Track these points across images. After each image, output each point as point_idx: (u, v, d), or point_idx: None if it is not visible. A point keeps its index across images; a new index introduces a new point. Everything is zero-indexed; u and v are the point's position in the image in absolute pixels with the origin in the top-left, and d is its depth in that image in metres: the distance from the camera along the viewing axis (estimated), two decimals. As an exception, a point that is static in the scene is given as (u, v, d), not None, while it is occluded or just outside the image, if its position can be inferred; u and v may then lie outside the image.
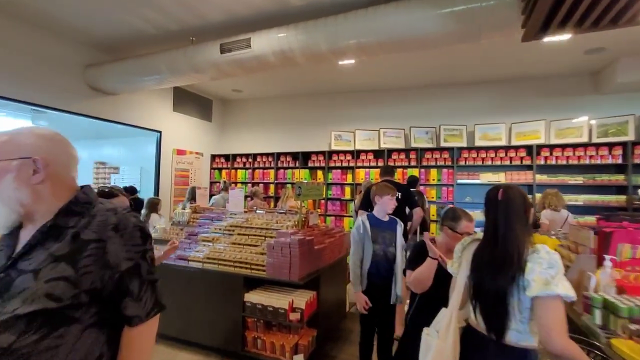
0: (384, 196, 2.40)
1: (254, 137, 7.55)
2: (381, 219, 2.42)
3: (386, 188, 2.43)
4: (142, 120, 5.88)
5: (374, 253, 2.34)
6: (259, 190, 5.83)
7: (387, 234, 2.38)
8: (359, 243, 2.38)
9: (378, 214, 2.44)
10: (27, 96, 4.35)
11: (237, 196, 3.44)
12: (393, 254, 2.35)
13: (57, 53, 4.57)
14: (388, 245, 2.37)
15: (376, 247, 2.35)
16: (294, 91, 6.91)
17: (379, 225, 2.40)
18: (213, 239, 3.08)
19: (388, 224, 2.42)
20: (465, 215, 1.85)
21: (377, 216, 2.44)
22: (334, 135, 6.53)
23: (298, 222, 3.05)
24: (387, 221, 2.43)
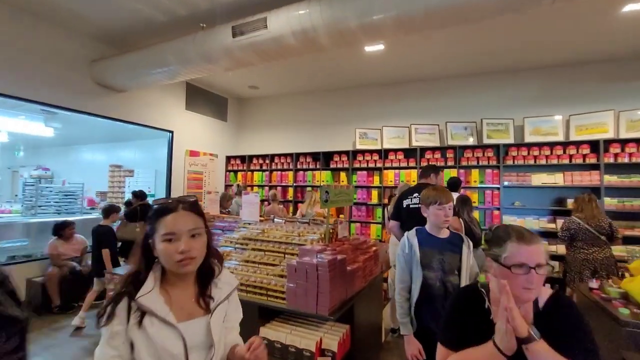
0: (430, 206, 1.78)
1: (271, 137, 7.06)
2: (436, 236, 1.79)
3: (434, 193, 1.80)
4: (153, 119, 5.49)
5: (426, 283, 1.70)
6: (276, 195, 5.31)
7: (446, 257, 1.73)
8: (405, 269, 1.77)
9: (431, 229, 1.82)
10: (30, 94, 4.01)
11: (251, 202, 2.90)
12: (455, 286, 1.71)
13: (61, 47, 4.22)
14: (448, 272, 1.72)
15: (429, 275, 1.71)
16: (314, 86, 6.36)
17: (434, 244, 1.76)
18: (222, 255, 2.55)
19: (447, 242, 1.78)
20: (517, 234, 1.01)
21: (430, 232, 1.81)
22: (358, 133, 5.93)
23: (325, 235, 2.47)
24: (446, 238, 1.80)
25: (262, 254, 2.44)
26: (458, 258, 1.74)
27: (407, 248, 1.78)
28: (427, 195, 1.81)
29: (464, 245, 1.77)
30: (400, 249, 1.83)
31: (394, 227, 2.89)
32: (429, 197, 1.79)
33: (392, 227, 2.90)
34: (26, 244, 4.41)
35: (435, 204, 1.75)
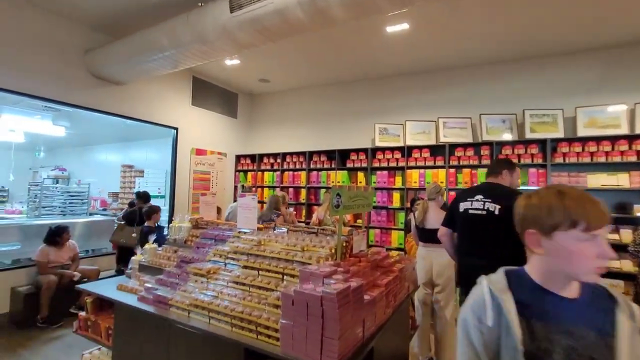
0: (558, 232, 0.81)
1: (283, 134, 6.57)
2: (557, 294, 0.83)
3: (573, 204, 0.80)
4: (155, 115, 5.12)
5: None
6: (285, 197, 4.78)
7: (583, 341, 0.78)
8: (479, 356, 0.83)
9: (550, 278, 0.84)
10: (22, 87, 3.68)
11: (247, 206, 2.39)
12: None
13: (53, 36, 3.88)
14: None
15: None
16: (329, 78, 5.82)
17: (554, 313, 0.81)
18: (209, 272, 2.05)
19: (584, 307, 0.82)
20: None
21: (545, 284, 0.84)
22: (378, 129, 5.34)
23: (336, 250, 1.92)
24: (581, 300, 0.83)
25: (255, 274, 1.91)
26: (610, 344, 0.78)
27: (491, 317, 0.82)
28: (552, 205, 0.82)
29: (621, 311, 0.81)
30: (469, 314, 0.86)
31: (444, 236, 2.40)
32: (556, 212, 0.81)
33: (442, 236, 2.41)
34: (18, 248, 4.11)
35: (576, 227, 0.78)
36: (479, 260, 2.00)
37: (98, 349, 2.48)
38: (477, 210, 2.14)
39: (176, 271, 2.24)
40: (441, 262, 2.86)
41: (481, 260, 1.99)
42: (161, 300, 1.98)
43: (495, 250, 2.00)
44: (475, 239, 2.15)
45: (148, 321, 1.99)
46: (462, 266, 2.28)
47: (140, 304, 2.05)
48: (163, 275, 2.29)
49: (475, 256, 2.09)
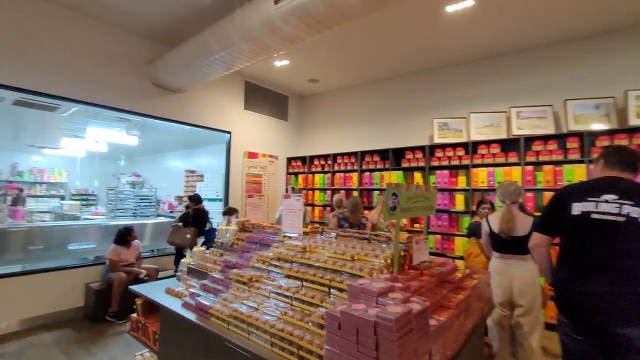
0: None
1: (333, 135, 6.37)
2: None
3: None
4: (211, 120, 5.29)
5: None
6: (342, 200, 4.54)
7: None
8: None
9: None
10: (95, 98, 4.03)
11: (292, 208, 2.20)
12: None
13: (118, 49, 4.19)
14: None
15: None
16: (382, 73, 5.47)
17: None
18: (250, 280, 1.89)
19: None
20: None
21: None
22: (437, 125, 4.84)
23: (393, 261, 1.61)
24: None
25: (299, 285, 1.70)
26: None
27: None
28: None
29: None
30: None
31: (540, 246, 1.82)
32: None
33: (538, 246, 1.83)
34: (93, 247, 4.50)
35: None
36: (607, 286, 1.50)
37: (148, 352, 2.49)
38: (608, 215, 1.56)
39: (220, 277, 2.13)
40: (524, 278, 2.36)
41: (612, 286, 1.49)
42: (202, 308, 1.87)
43: (637, 273, 1.48)
44: (603, 254, 1.56)
45: (189, 329, 1.89)
46: (572, 291, 1.64)
47: (183, 310, 1.97)
48: (207, 280, 2.21)
49: (602, 279, 1.53)
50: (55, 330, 3.45)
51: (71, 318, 3.76)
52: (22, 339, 3.22)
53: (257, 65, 5.19)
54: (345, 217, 3.80)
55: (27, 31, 3.49)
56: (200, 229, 4.20)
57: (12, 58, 3.41)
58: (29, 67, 3.51)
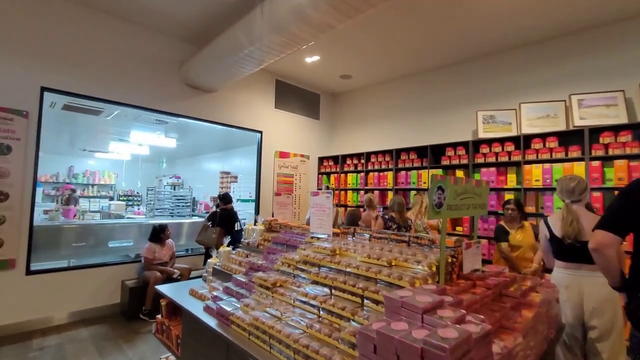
0: None
1: (367, 133, 6.10)
2: None
3: None
4: (242, 120, 5.27)
5: None
6: (372, 200, 4.29)
7: None
8: None
9: None
10: (129, 99, 4.14)
11: (321, 206, 1.99)
12: None
13: (152, 51, 4.28)
14: None
15: None
16: (417, 67, 5.13)
17: None
18: (274, 284, 1.71)
19: None
20: None
21: None
22: (481, 118, 4.40)
23: (439, 268, 1.35)
24: None
25: (327, 293, 1.49)
26: None
27: None
28: None
29: None
30: None
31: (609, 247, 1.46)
32: None
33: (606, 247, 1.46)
34: (130, 245, 4.62)
35: None
36: None
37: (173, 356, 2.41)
38: None
39: (244, 279, 1.98)
40: (599, 294, 1.95)
41: None
42: (223, 313, 1.72)
43: None
44: None
45: (210, 336, 1.76)
46: None
47: (204, 314, 1.84)
48: (231, 282, 2.07)
49: None
50: (93, 325, 3.54)
51: (108, 314, 3.85)
52: (63, 332, 3.33)
53: (288, 62, 5.10)
54: (392, 218, 3.54)
55: (71, 38, 3.65)
56: (227, 229, 4.15)
57: (61, 64, 3.57)
58: (75, 72, 3.67)
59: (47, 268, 3.63)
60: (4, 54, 3.23)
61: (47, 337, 3.21)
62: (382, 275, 1.36)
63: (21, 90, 3.32)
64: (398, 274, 1.32)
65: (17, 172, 3.27)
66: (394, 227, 3.43)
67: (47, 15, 3.49)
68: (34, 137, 3.40)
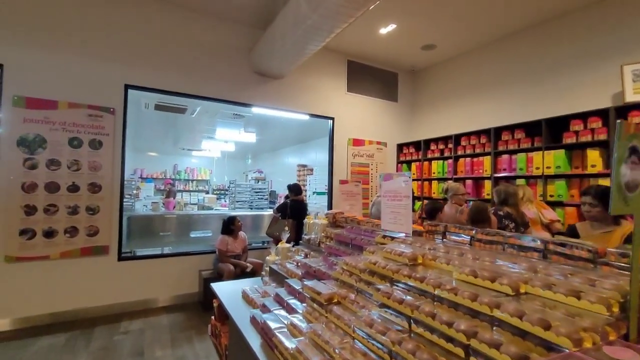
0: None
1: (455, 113, 5.15)
2: None
3: None
4: (312, 106, 4.94)
5: None
6: (459, 188, 3.50)
7: None
8: None
9: None
10: (203, 91, 4.18)
11: (396, 195, 1.44)
12: None
13: (223, 40, 4.23)
14: None
15: None
16: (521, 21, 4.01)
17: None
18: (329, 300, 1.25)
19: None
20: None
21: None
22: (630, 74, 3.15)
23: (629, 304, 0.68)
24: None
25: (404, 327, 0.94)
26: None
27: None
28: None
29: None
30: None
31: None
32: None
33: None
34: (209, 235, 4.75)
35: None
36: None
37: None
38: None
39: (297, 287, 1.57)
40: None
41: None
42: (267, 331, 1.33)
43: None
44: None
45: (250, 355, 1.39)
46: None
47: (249, 328, 1.49)
48: (283, 288, 1.68)
49: None
50: (174, 312, 3.66)
51: (188, 302, 3.97)
52: (148, 317, 3.51)
53: (360, 36, 4.55)
54: (508, 215, 2.73)
55: (147, 35, 3.80)
56: (299, 221, 3.86)
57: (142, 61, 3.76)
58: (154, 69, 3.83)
59: (136, 255, 3.89)
60: (90, 53, 3.50)
61: (133, 320, 3.41)
62: (506, 311, 0.76)
63: (107, 88, 3.56)
64: (540, 316, 0.70)
65: (108, 166, 3.53)
66: (511, 226, 2.62)
67: (126, 13, 3.68)
68: (120, 132, 3.63)
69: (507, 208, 2.78)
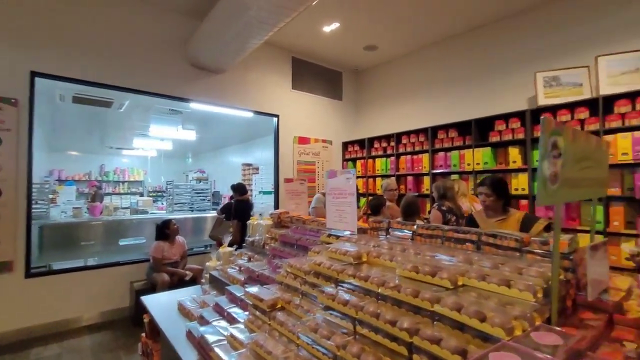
0: None
1: (397, 111, 5.39)
2: None
3: None
4: (255, 102, 4.76)
5: None
6: (388, 184, 3.66)
7: None
8: None
9: None
10: (133, 83, 3.75)
11: (340, 192, 1.42)
12: None
13: (155, 29, 3.86)
14: None
15: None
16: (458, 26, 4.33)
17: None
18: (272, 307, 1.18)
19: None
20: None
21: None
22: (542, 80, 3.57)
23: (551, 295, 0.72)
24: None
25: (349, 330, 0.91)
26: None
27: None
28: None
29: None
30: None
31: None
32: None
33: None
34: (143, 242, 4.33)
35: None
36: None
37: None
38: None
39: (238, 294, 1.46)
40: None
41: None
42: (204, 346, 1.21)
43: None
44: None
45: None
46: None
47: (184, 344, 1.34)
48: (224, 296, 1.56)
49: None
50: (99, 332, 3.24)
51: (117, 319, 3.56)
52: (65, 340, 3.05)
53: (304, 33, 4.51)
54: (450, 209, 2.85)
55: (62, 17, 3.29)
56: (245, 223, 3.69)
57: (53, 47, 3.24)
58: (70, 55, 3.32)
59: (52, 270, 3.37)
60: (-14, 36, 2.93)
61: (48, 345, 2.94)
62: (445, 305, 0.76)
63: (7, 75, 3.01)
64: (476, 308, 0.71)
65: (10, 167, 2.99)
66: (453, 220, 2.77)
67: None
68: (25, 127, 3.09)
69: (447, 202, 2.96)
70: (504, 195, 2.19)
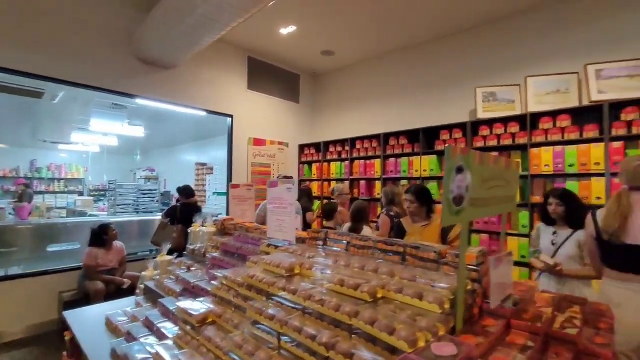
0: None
1: (352, 117, 5.52)
2: None
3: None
4: (208, 101, 4.59)
5: None
6: (341, 189, 3.75)
7: None
8: None
9: None
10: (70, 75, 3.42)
11: (281, 202, 1.42)
12: None
13: (96, 19, 3.56)
14: None
15: None
16: (409, 39, 4.55)
17: None
18: (202, 321, 1.14)
19: None
20: None
21: None
22: (481, 95, 3.87)
23: (456, 303, 0.78)
24: None
25: (272, 344, 0.91)
26: None
27: None
28: None
29: None
30: None
31: None
32: None
33: None
34: (78, 248, 3.95)
35: None
36: None
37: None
38: None
39: (171, 307, 1.39)
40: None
41: None
42: (126, 366, 1.14)
43: None
44: None
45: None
46: None
47: (105, 364, 1.25)
48: (156, 310, 1.48)
49: None
50: (22, 349, 2.90)
51: (44, 334, 3.21)
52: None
53: (261, 34, 4.44)
54: (398, 214, 2.90)
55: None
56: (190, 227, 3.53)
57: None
58: None
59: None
60: None
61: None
62: (362, 319, 0.79)
63: None
64: (387, 322, 0.75)
65: None
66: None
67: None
68: None
69: (395, 208, 3.09)
70: (426, 203, 2.35)
